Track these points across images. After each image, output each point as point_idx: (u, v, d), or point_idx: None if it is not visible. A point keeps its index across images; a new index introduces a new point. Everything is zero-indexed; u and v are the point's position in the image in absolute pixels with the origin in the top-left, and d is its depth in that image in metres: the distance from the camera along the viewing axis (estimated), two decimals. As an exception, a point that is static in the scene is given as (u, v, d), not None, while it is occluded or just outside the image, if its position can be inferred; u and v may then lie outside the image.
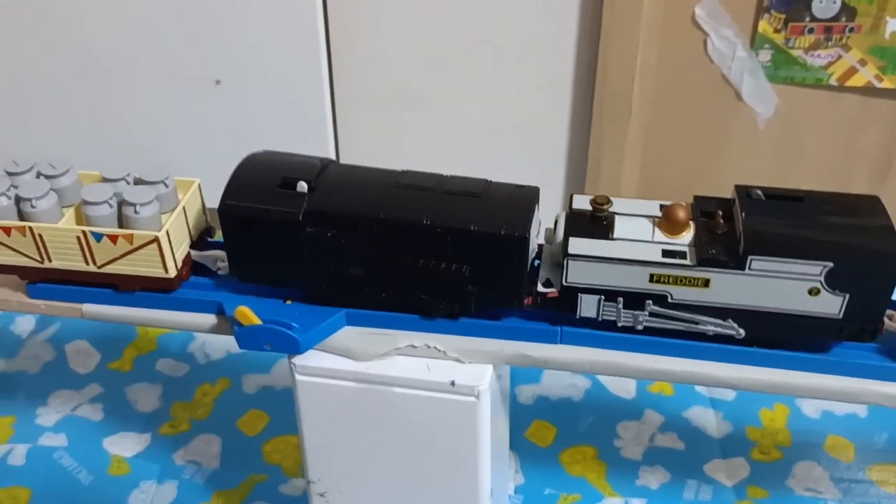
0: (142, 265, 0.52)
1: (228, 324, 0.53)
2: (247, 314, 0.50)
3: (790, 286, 0.46)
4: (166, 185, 0.54)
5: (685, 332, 0.49)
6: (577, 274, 0.48)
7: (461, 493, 0.55)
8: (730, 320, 0.48)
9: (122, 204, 0.52)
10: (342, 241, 0.50)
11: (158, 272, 0.53)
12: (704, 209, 0.50)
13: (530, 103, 0.90)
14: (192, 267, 0.55)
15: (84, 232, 0.52)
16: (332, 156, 0.94)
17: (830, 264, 0.45)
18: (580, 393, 0.83)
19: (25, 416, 0.80)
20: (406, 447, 0.54)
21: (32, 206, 0.52)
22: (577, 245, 0.48)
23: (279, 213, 0.49)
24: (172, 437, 0.78)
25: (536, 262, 0.52)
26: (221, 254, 0.56)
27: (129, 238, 0.51)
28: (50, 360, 0.87)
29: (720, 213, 0.49)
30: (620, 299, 0.49)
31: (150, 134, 0.93)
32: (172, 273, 0.53)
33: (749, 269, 0.46)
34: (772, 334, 0.49)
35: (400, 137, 0.94)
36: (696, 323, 0.49)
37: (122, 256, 0.52)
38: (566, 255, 0.48)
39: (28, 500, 0.71)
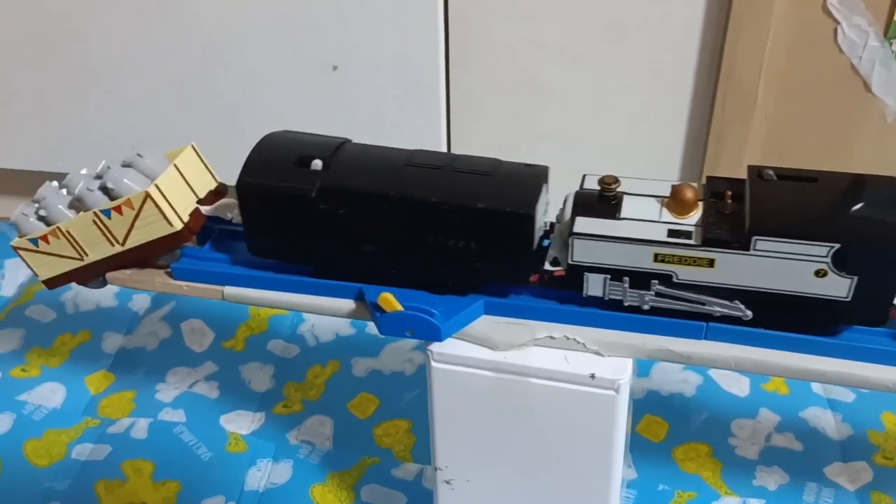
0: (151, 228, 0.55)
1: (367, 309, 0.53)
2: (390, 301, 0.50)
3: (797, 267, 0.45)
4: (140, 155, 0.57)
5: (692, 312, 0.49)
6: (582, 253, 0.48)
7: (591, 486, 0.55)
8: (737, 301, 0.48)
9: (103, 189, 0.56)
10: (354, 218, 0.51)
11: (165, 228, 0.55)
12: (715, 190, 0.49)
13: (648, 93, 0.88)
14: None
15: (95, 213, 0.55)
16: (444, 145, 0.93)
17: (837, 245, 0.44)
18: (692, 388, 0.82)
19: (145, 392, 0.83)
20: (539, 438, 0.53)
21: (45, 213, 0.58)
22: (583, 224, 0.48)
23: (294, 189, 0.51)
24: (286, 417, 0.80)
25: (546, 241, 0.53)
26: (229, 201, 0.58)
27: (129, 203, 0.54)
28: (167, 337, 0.89)
29: (730, 193, 0.48)
30: (626, 279, 0.48)
31: (266, 119, 0.94)
32: (178, 225, 0.55)
33: (754, 249, 0.45)
34: (780, 316, 0.48)
35: (514, 126, 0.93)
36: (703, 304, 0.48)
37: (132, 226, 0.55)
38: (571, 233, 0.48)
39: (151, 472, 0.74)
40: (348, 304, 0.54)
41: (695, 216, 0.48)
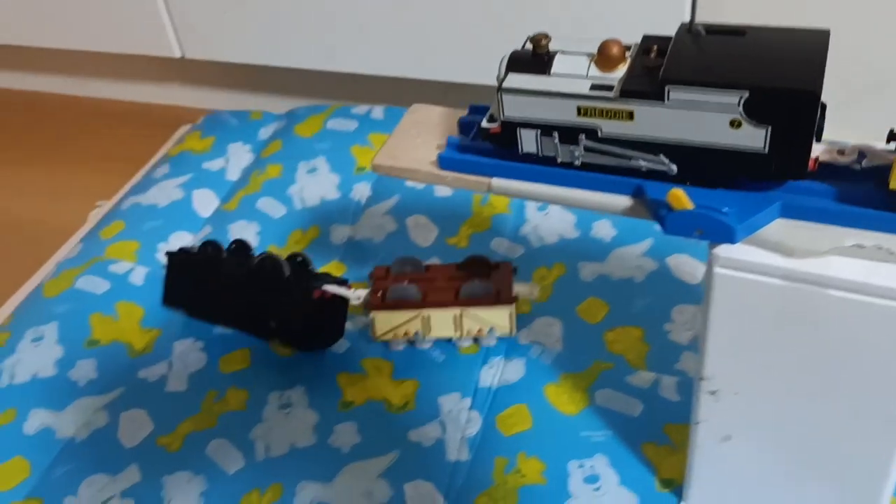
0: None
1: (644, 206, 0.50)
2: (680, 198, 0.46)
3: (711, 118, 0.46)
4: None
5: (621, 167, 0.50)
6: (512, 108, 0.50)
7: (879, 412, 0.50)
8: (661, 155, 0.48)
9: None
10: None
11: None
12: (646, 46, 0.49)
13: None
14: None
15: None
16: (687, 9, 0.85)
17: (746, 94, 0.44)
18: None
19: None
20: (827, 357, 0.49)
21: None
22: (513, 80, 0.50)
23: None
24: (516, 317, 0.79)
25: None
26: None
27: None
28: (392, 230, 0.90)
29: (655, 48, 0.48)
30: (556, 134, 0.50)
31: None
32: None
33: (668, 99, 0.46)
34: (702, 170, 0.48)
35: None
36: (629, 158, 0.49)
37: None
38: (500, 89, 0.50)
39: (391, 370, 0.75)
40: (624, 201, 0.51)
41: (621, 71, 0.48)
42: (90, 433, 0.73)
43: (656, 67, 0.47)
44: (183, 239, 0.94)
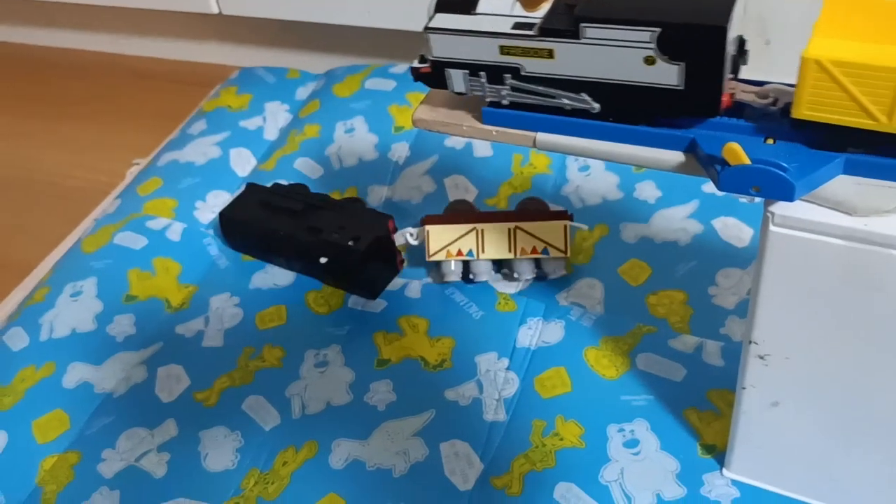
0: None
1: (697, 162, 0.48)
2: (737, 153, 0.44)
3: (626, 55, 0.46)
4: None
5: (545, 106, 0.50)
6: (439, 48, 0.51)
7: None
8: (583, 94, 0.49)
9: None
10: None
11: None
12: None
13: None
14: None
15: None
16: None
17: (658, 30, 0.44)
18: None
19: (416, 249, 0.83)
20: (890, 318, 0.47)
21: None
22: (438, 20, 0.50)
23: None
24: (555, 279, 0.77)
25: None
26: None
27: None
28: (431, 191, 0.89)
29: None
30: (482, 73, 0.50)
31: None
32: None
33: (584, 37, 0.46)
34: (623, 107, 0.49)
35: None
36: (553, 97, 0.50)
37: None
38: (426, 28, 0.50)
39: (427, 328, 0.74)
40: (676, 156, 0.49)
41: (544, 9, 0.49)
42: (128, 388, 0.73)
43: (576, 5, 0.47)
44: (221, 198, 0.94)
